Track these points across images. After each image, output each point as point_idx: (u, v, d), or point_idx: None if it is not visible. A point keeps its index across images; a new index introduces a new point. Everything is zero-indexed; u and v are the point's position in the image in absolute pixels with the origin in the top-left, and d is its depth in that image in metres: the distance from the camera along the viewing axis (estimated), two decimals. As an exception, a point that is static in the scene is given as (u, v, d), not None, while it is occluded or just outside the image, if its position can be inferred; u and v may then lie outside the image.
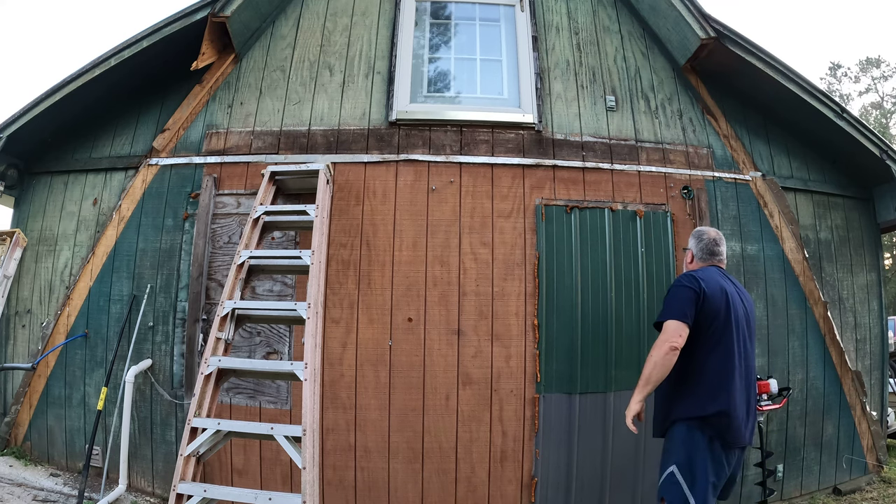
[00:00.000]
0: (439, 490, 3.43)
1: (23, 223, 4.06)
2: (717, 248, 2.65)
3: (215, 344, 2.84)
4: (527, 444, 3.49)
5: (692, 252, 2.69)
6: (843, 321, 4.18)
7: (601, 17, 4.38)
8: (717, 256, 2.65)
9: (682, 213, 3.87)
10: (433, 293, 3.60)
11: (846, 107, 4.26)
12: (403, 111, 3.92)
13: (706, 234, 2.69)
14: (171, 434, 3.52)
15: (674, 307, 2.36)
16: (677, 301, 2.37)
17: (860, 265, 4.35)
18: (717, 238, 2.68)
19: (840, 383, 3.99)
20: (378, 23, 4.21)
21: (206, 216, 3.70)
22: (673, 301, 2.39)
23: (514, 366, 3.54)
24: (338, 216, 3.68)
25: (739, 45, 3.85)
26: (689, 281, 2.42)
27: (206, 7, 3.69)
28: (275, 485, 3.38)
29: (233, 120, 3.95)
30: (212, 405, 2.73)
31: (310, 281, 3.00)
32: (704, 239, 2.67)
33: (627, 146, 4.00)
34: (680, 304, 2.35)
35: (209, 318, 3.53)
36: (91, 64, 3.73)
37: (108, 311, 3.72)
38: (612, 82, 4.18)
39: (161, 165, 3.88)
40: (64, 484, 3.47)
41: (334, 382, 3.48)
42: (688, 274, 2.49)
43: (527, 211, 3.74)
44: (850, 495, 3.83)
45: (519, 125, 3.94)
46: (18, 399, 3.73)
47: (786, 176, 4.23)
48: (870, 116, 22.13)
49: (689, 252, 2.71)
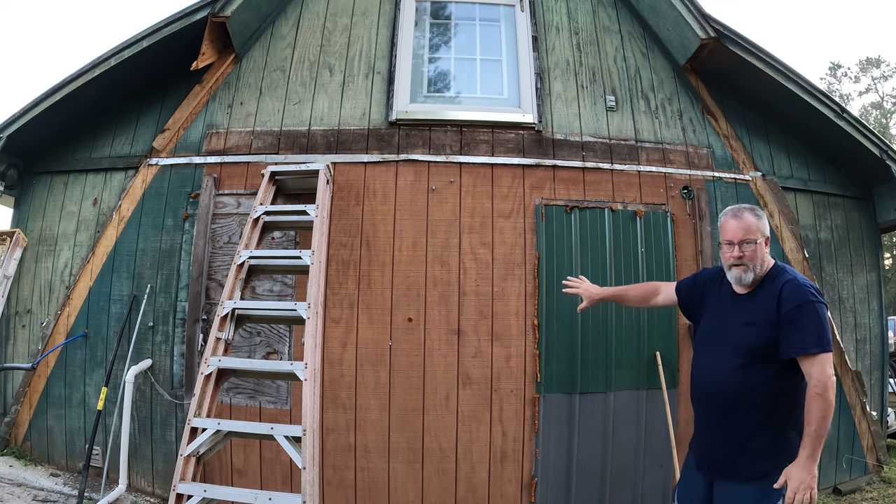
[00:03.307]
0: (439, 490, 3.43)
1: (23, 223, 4.05)
2: None
3: (215, 344, 2.84)
4: (527, 444, 3.49)
5: (768, 237, 2.01)
6: (843, 321, 4.18)
7: (601, 17, 4.38)
8: None
9: (682, 214, 3.87)
10: (433, 293, 3.60)
11: (846, 107, 4.26)
12: (403, 111, 3.92)
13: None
14: (171, 434, 3.52)
15: (829, 333, 1.81)
16: (828, 325, 1.83)
17: (860, 265, 4.35)
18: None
19: (840, 383, 3.99)
20: (378, 23, 4.21)
21: (206, 216, 3.70)
22: (825, 324, 1.80)
23: (514, 366, 3.54)
24: (338, 216, 3.68)
25: (739, 45, 3.85)
26: (822, 296, 1.90)
27: (206, 7, 3.69)
28: (275, 485, 3.38)
29: (233, 120, 3.95)
30: (212, 405, 2.73)
31: (310, 281, 3.00)
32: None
33: (627, 146, 4.00)
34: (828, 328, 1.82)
35: (209, 318, 3.53)
36: (91, 64, 3.73)
37: (108, 311, 3.72)
38: (612, 82, 4.18)
39: (161, 165, 3.88)
40: (64, 484, 3.47)
41: (334, 382, 3.48)
42: (813, 285, 1.91)
43: (527, 211, 3.74)
44: (850, 495, 3.83)
45: (519, 125, 3.94)
46: (18, 399, 3.73)
47: (786, 176, 4.23)
48: (870, 116, 22.13)
49: (768, 238, 2.00)
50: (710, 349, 2.03)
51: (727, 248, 1.99)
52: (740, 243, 1.94)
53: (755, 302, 1.95)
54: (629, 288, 2.66)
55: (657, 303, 2.46)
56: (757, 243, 1.94)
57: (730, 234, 1.98)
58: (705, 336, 2.10)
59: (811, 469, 1.72)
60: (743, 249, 1.94)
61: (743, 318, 1.95)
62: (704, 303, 2.15)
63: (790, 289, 1.86)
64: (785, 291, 1.86)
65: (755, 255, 1.93)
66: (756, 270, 1.94)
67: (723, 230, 2.02)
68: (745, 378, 1.87)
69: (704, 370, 2.03)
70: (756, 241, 1.94)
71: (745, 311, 1.96)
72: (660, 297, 2.42)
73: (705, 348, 2.07)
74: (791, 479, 1.73)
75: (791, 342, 1.80)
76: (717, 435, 1.96)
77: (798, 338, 1.79)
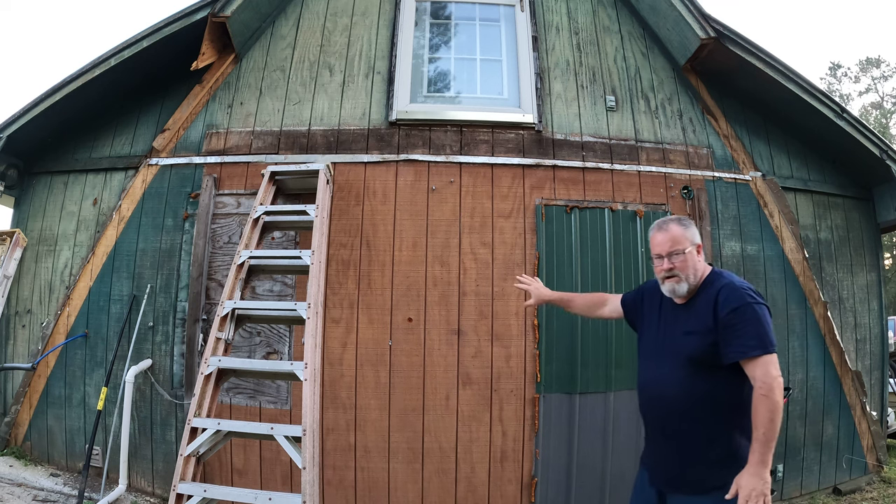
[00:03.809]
0: (439, 490, 3.43)
1: (23, 223, 4.05)
2: None
3: (215, 344, 2.84)
4: (527, 444, 3.49)
5: (700, 245, 2.01)
6: (843, 321, 4.18)
7: (601, 17, 4.38)
8: None
9: (682, 214, 3.87)
10: (433, 293, 3.60)
11: (846, 107, 4.26)
12: (403, 111, 3.92)
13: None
14: (171, 434, 3.52)
15: (770, 333, 1.78)
16: (769, 324, 1.79)
17: (860, 265, 4.35)
18: None
19: (840, 383, 3.99)
20: (378, 23, 4.21)
21: (206, 216, 3.70)
22: (765, 325, 1.77)
23: (515, 366, 3.54)
24: (338, 216, 3.68)
25: (739, 45, 3.85)
26: (761, 297, 1.86)
27: (206, 7, 3.69)
28: (275, 485, 3.38)
29: (233, 120, 3.95)
30: (212, 405, 2.73)
31: (310, 281, 3.00)
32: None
33: (627, 146, 4.00)
34: (769, 328, 1.80)
35: (209, 318, 3.53)
36: (91, 64, 3.73)
37: (108, 311, 3.72)
38: (612, 82, 4.18)
39: (161, 165, 3.88)
40: (64, 484, 3.47)
41: (334, 382, 3.48)
42: (750, 287, 1.88)
43: (527, 211, 3.74)
44: (850, 495, 3.83)
45: (519, 125, 3.94)
46: (18, 399, 3.73)
47: (786, 176, 4.23)
48: (870, 116, 22.13)
49: (699, 246, 2.00)
50: (654, 361, 1.99)
51: (657, 261, 1.97)
52: (668, 255, 1.92)
53: (693, 311, 1.91)
54: (577, 295, 2.64)
55: (603, 314, 2.41)
56: (686, 252, 1.91)
57: (657, 247, 1.96)
58: (649, 348, 2.06)
59: (762, 475, 1.65)
60: (672, 261, 1.92)
61: (683, 328, 1.91)
62: (647, 314, 2.12)
63: (726, 293, 1.83)
64: (721, 296, 1.83)
65: (686, 264, 1.91)
66: (690, 280, 1.92)
67: (651, 245, 2.00)
68: (691, 388, 1.83)
69: (650, 383, 1.98)
70: (685, 251, 1.91)
71: (685, 320, 1.92)
72: (606, 308, 2.39)
73: (649, 360, 2.03)
74: (741, 486, 1.66)
75: (731, 347, 1.76)
76: (668, 448, 1.91)
77: (738, 342, 1.75)
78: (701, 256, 1.97)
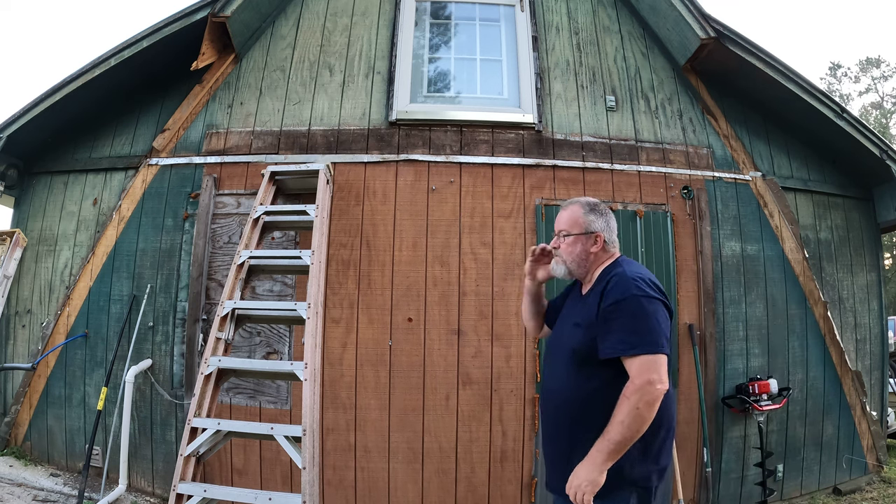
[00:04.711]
0: (439, 490, 3.43)
1: (23, 223, 4.06)
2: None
3: (215, 344, 2.84)
4: (527, 444, 3.49)
5: (602, 235, 1.81)
6: (843, 321, 4.18)
7: (601, 17, 4.38)
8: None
9: (682, 214, 3.87)
10: (433, 293, 3.60)
11: (846, 107, 4.26)
12: (403, 111, 3.92)
13: (608, 210, 1.88)
14: (171, 434, 3.52)
15: (656, 331, 1.55)
16: (657, 322, 1.57)
17: (860, 265, 4.35)
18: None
19: (840, 383, 3.99)
20: (378, 23, 4.21)
21: (206, 216, 3.70)
22: (649, 321, 1.56)
23: (515, 366, 3.54)
24: (338, 216, 3.68)
25: (739, 45, 3.85)
26: (656, 290, 1.64)
27: (206, 7, 3.69)
28: (275, 485, 3.38)
29: (233, 120, 3.95)
30: (212, 405, 2.73)
31: (310, 281, 3.00)
32: (612, 217, 1.88)
33: (627, 146, 4.00)
34: (661, 326, 1.58)
35: (209, 318, 3.53)
36: (91, 64, 3.73)
37: (108, 311, 3.72)
38: (612, 82, 4.18)
39: (161, 165, 3.88)
40: (64, 484, 3.47)
41: (334, 382, 3.48)
42: (644, 277, 1.66)
43: (527, 211, 3.74)
44: (850, 495, 3.83)
45: (519, 125, 3.94)
46: (18, 399, 3.73)
47: (786, 176, 4.22)
48: (870, 116, 22.12)
49: (597, 235, 1.80)
50: (551, 356, 1.85)
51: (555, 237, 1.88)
52: (557, 234, 1.85)
53: (586, 301, 1.75)
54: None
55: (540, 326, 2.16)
56: (571, 237, 1.80)
57: (556, 222, 1.89)
58: (549, 342, 1.93)
59: (590, 472, 1.50)
60: (557, 241, 1.84)
61: (573, 320, 1.76)
62: (564, 305, 1.97)
63: (614, 283, 1.64)
64: (609, 286, 1.65)
65: (567, 249, 1.81)
66: (570, 266, 1.81)
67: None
68: (580, 386, 1.65)
69: (545, 380, 1.83)
70: (570, 234, 1.81)
71: (578, 312, 1.77)
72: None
73: (548, 355, 1.89)
74: (574, 475, 1.54)
75: (606, 342, 1.58)
76: (559, 449, 1.72)
77: (614, 337, 1.57)
78: (599, 246, 1.80)
